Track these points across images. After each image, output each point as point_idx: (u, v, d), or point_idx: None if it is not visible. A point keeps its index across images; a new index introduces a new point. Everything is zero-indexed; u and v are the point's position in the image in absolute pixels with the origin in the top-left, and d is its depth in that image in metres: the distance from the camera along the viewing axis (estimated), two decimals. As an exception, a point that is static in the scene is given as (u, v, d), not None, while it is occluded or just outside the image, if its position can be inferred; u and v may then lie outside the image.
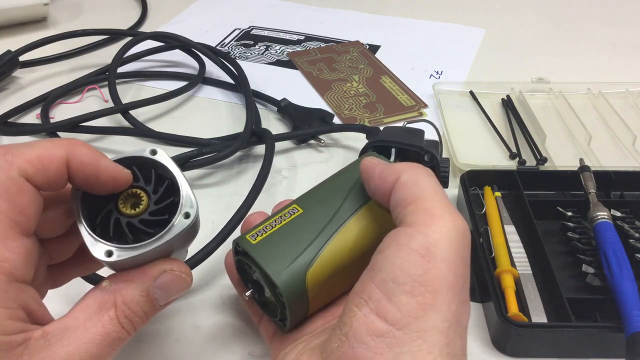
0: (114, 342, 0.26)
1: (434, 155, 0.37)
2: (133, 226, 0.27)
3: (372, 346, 0.25)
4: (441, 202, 0.28)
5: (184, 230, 0.27)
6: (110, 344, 0.26)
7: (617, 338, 0.35)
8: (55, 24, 0.77)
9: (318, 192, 0.35)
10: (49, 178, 0.26)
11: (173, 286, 0.28)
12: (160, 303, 0.27)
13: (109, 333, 0.26)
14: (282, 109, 0.58)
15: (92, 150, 0.27)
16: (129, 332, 0.26)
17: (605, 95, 0.60)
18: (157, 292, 0.27)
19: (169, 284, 0.27)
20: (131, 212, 0.28)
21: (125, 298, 0.27)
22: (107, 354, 0.26)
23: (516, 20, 0.79)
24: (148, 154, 0.29)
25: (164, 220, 0.27)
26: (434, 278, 0.26)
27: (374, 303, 0.26)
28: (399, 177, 0.29)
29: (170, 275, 0.28)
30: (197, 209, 0.28)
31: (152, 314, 0.27)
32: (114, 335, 0.26)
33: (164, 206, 0.28)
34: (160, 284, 0.27)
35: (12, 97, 0.61)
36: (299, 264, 0.31)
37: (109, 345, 0.26)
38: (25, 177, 0.25)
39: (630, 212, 0.44)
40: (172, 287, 0.28)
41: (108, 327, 0.26)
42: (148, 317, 0.27)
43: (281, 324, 0.33)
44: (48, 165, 0.26)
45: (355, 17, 0.80)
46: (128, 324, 0.26)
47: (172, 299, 0.28)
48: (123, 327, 0.26)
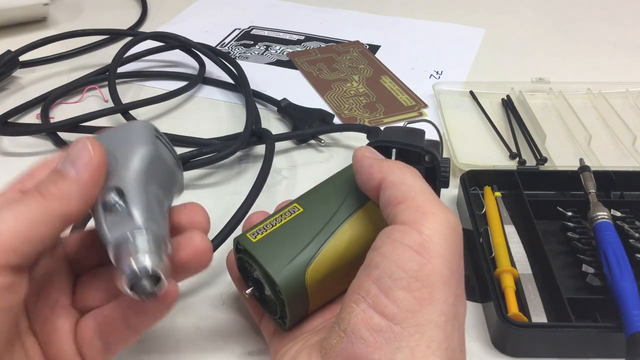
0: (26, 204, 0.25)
1: (434, 156, 0.37)
2: None
3: (371, 341, 0.25)
4: (431, 200, 0.28)
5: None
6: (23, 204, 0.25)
7: (617, 338, 0.35)
8: (55, 24, 0.77)
9: (318, 192, 0.35)
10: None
11: (72, 151, 0.27)
12: (66, 168, 0.26)
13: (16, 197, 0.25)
14: (282, 109, 0.58)
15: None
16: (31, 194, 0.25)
17: (605, 95, 0.60)
18: (61, 163, 0.27)
19: (68, 152, 0.27)
20: None
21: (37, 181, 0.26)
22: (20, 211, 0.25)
23: (516, 20, 0.79)
24: None
25: None
26: (430, 273, 0.26)
27: (371, 299, 0.26)
28: (385, 177, 0.30)
29: (71, 145, 0.27)
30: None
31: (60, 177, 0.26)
32: (23, 197, 0.25)
33: None
34: (62, 157, 0.27)
35: (12, 97, 0.61)
36: (298, 262, 0.31)
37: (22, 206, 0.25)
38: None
39: (630, 212, 0.44)
40: (71, 152, 0.27)
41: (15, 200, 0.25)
42: (57, 183, 0.26)
43: (281, 322, 0.33)
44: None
45: (355, 17, 0.80)
46: (33, 189, 0.26)
47: (76, 161, 0.27)
48: (28, 192, 0.26)
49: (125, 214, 0.27)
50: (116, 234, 0.26)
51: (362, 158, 0.32)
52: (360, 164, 0.32)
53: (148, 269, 0.26)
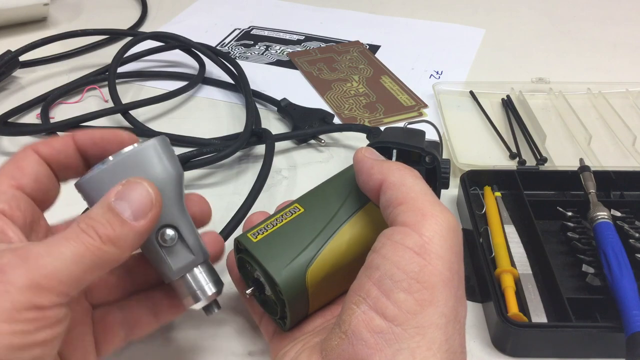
0: (80, 245, 0.25)
1: (435, 157, 0.37)
2: None
3: (372, 343, 0.25)
4: (431, 201, 0.28)
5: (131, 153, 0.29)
6: (76, 245, 0.25)
7: (617, 338, 0.35)
8: (55, 24, 0.77)
9: (319, 192, 0.35)
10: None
11: (132, 194, 0.27)
12: (125, 214, 0.27)
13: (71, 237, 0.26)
14: (282, 109, 0.58)
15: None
16: (92, 235, 0.26)
17: (605, 95, 0.60)
18: (118, 202, 0.27)
19: (127, 192, 0.27)
20: None
21: (87, 213, 0.27)
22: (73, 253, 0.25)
23: (516, 20, 0.79)
24: None
25: None
26: (431, 274, 0.26)
27: (372, 300, 0.26)
28: (385, 177, 0.30)
29: (127, 183, 0.27)
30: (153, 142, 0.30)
31: (121, 225, 0.27)
32: (78, 236, 0.26)
33: None
34: (118, 194, 0.27)
35: (12, 97, 0.61)
36: (299, 262, 0.31)
37: (75, 246, 0.25)
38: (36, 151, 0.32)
39: (630, 212, 0.44)
40: (130, 194, 0.27)
41: (70, 233, 0.26)
42: (114, 227, 0.26)
43: (281, 323, 0.33)
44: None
45: (355, 17, 0.80)
46: (89, 228, 0.26)
47: (136, 208, 0.27)
48: (85, 232, 0.26)
49: (184, 249, 0.31)
50: (179, 271, 0.30)
51: (362, 159, 0.32)
52: (360, 165, 0.32)
53: (215, 296, 0.31)
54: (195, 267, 0.31)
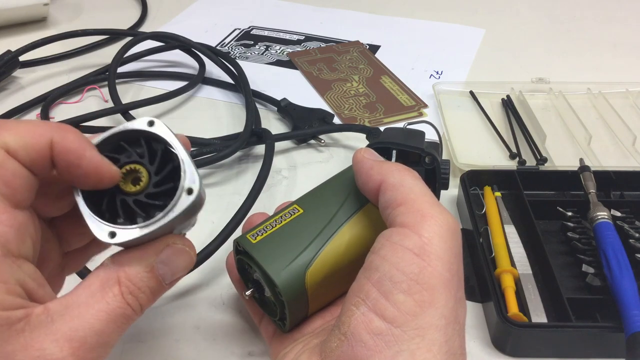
0: (119, 320, 0.25)
1: (434, 158, 0.37)
2: (141, 203, 0.26)
3: (371, 344, 0.25)
4: (430, 202, 0.28)
5: (188, 207, 0.25)
6: (115, 321, 0.25)
7: (617, 338, 0.35)
8: (55, 24, 0.77)
9: (318, 193, 0.35)
10: (32, 157, 0.24)
11: (177, 261, 0.27)
12: (166, 281, 0.26)
13: (113, 310, 0.25)
14: (282, 109, 0.58)
15: (80, 138, 0.25)
16: (135, 309, 0.25)
17: (605, 95, 0.60)
18: (161, 267, 0.26)
19: (173, 259, 0.27)
20: (134, 189, 0.26)
21: (129, 274, 0.25)
22: (113, 331, 0.25)
23: (516, 20, 0.79)
24: (145, 126, 0.28)
25: (170, 189, 0.26)
26: (430, 276, 0.26)
27: (371, 302, 0.26)
28: (384, 178, 0.30)
29: (174, 249, 0.27)
30: (200, 181, 0.26)
31: (158, 292, 0.26)
32: (118, 312, 0.25)
33: (166, 176, 0.27)
34: (164, 259, 0.26)
35: (12, 97, 0.61)
36: (298, 263, 0.31)
37: (113, 323, 0.25)
38: (7, 150, 0.24)
39: (630, 212, 0.44)
40: (176, 261, 0.27)
41: (112, 304, 0.25)
42: (154, 295, 0.26)
43: (281, 324, 0.33)
44: (31, 143, 0.24)
45: (355, 17, 0.80)
46: (133, 300, 0.25)
47: (177, 276, 0.27)
48: (128, 303, 0.25)
49: None
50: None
51: (361, 160, 0.32)
52: (359, 166, 0.32)
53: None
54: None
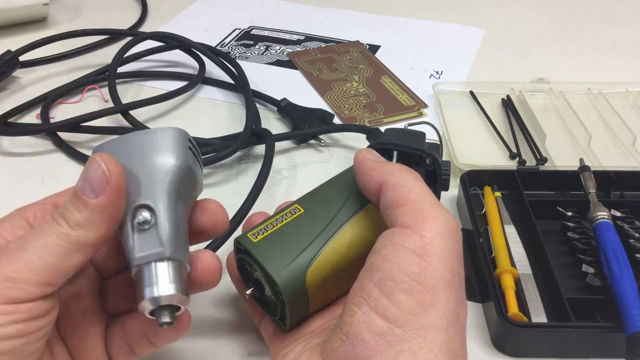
0: (49, 234, 0.26)
1: (435, 159, 0.37)
2: None
3: (373, 344, 0.25)
4: (431, 203, 0.28)
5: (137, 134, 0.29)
6: (46, 235, 0.26)
7: (617, 338, 0.35)
8: (55, 24, 0.77)
9: (320, 193, 0.35)
10: None
11: (89, 172, 0.27)
12: (86, 194, 0.26)
13: (42, 227, 0.26)
14: (282, 109, 0.58)
15: None
16: (58, 222, 0.26)
17: (605, 95, 0.60)
18: (82, 185, 0.26)
19: (86, 172, 0.27)
20: None
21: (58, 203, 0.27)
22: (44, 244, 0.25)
23: (516, 20, 0.79)
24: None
25: None
26: (432, 276, 0.26)
27: (373, 301, 0.26)
28: (385, 179, 0.30)
29: (87, 164, 0.27)
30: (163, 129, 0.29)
31: (82, 205, 0.26)
32: (47, 226, 0.26)
33: None
34: (82, 176, 0.27)
35: (12, 97, 0.61)
36: (299, 262, 0.31)
37: (45, 236, 0.25)
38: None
39: (630, 212, 0.44)
40: (88, 173, 0.27)
41: (42, 225, 0.26)
42: (79, 211, 0.26)
43: (281, 323, 0.33)
44: None
45: (355, 17, 0.80)
46: (57, 216, 0.26)
47: (95, 187, 0.26)
48: (54, 219, 0.26)
49: (154, 236, 0.27)
50: (141, 258, 0.27)
51: (362, 160, 0.32)
52: (361, 166, 0.32)
53: (168, 302, 0.27)
54: (161, 262, 0.27)
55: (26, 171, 0.52)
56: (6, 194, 0.49)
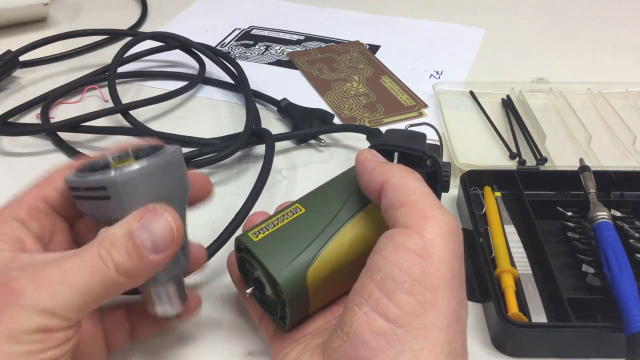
0: (91, 272, 0.26)
1: (436, 160, 0.37)
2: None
3: (374, 345, 0.25)
4: (432, 204, 0.28)
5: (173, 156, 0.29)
6: (88, 271, 0.26)
7: (617, 338, 0.35)
8: (55, 24, 0.77)
9: (321, 192, 0.35)
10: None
11: (154, 225, 0.27)
12: (145, 246, 0.27)
13: (86, 260, 0.26)
14: (282, 109, 0.58)
15: None
16: (107, 264, 0.26)
17: (605, 95, 0.60)
18: (140, 232, 0.27)
19: (151, 223, 0.27)
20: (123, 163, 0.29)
21: (109, 235, 0.27)
22: (83, 281, 0.26)
23: (516, 20, 0.79)
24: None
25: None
26: (433, 277, 0.26)
27: (374, 302, 0.26)
28: (386, 179, 0.30)
29: (152, 213, 0.27)
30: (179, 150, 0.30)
31: (139, 258, 0.27)
32: (90, 262, 0.26)
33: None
34: (144, 223, 0.27)
35: (12, 97, 0.61)
36: (299, 262, 0.31)
37: (86, 273, 0.26)
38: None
39: (630, 212, 0.44)
40: (154, 227, 0.27)
41: (87, 255, 0.26)
42: (132, 258, 0.26)
43: (281, 323, 0.33)
44: None
45: (355, 17, 0.80)
46: (106, 255, 0.26)
47: (159, 244, 0.27)
48: (101, 258, 0.26)
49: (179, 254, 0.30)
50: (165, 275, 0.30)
51: (364, 160, 0.32)
52: (362, 167, 0.32)
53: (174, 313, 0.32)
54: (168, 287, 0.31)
55: (26, 171, 0.51)
56: (6, 194, 0.49)
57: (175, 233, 0.27)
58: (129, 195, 0.28)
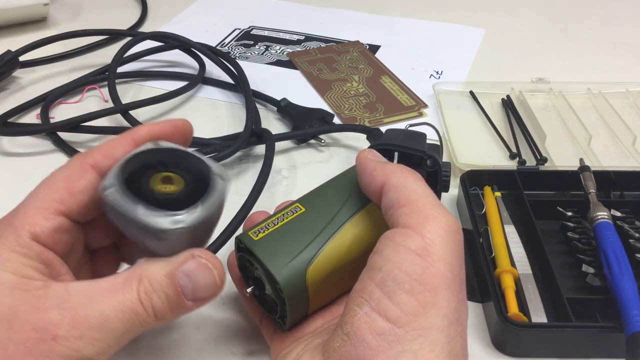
0: (128, 313, 0.25)
1: (436, 160, 0.37)
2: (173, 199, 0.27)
3: (374, 345, 0.25)
4: (432, 204, 0.28)
5: (225, 192, 0.28)
6: (124, 312, 0.25)
7: (617, 338, 0.35)
8: (55, 24, 0.77)
9: (321, 192, 0.35)
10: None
11: (199, 275, 0.27)
12: (186, 293, 0.27)
13: (124, 301, 0.25)
14: (282, 109, 0.58)
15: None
16: (146, 308, 0.26)
17: (605, 95, 0.60)
18: (182, 278, 0.26)
19: (195, 272, 0.27)
20: (168, 189, 0.27)
21: (149, 274, 0.26)
22: (120, 322, 0.25)
23: (516, 20, 0.79)
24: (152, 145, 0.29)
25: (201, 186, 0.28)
26: (433, 277, 0.26)
27: (374, 302, 0.26)
28: (387, 179, 0.30)
29: (197, 262, 0.27)
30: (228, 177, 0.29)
31: (177, 304, 0.27)
32: (129, 304, 0.25)
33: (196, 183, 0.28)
34: (187, 270, 0.27)
35: (12, 97, 0.61)
36: (299, 261, 0.31)
37: (122, 313, 0.25)
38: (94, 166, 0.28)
39: (630, 212, 0.44)
40: (198, 276, 0.27)
41: (126, 296, 0.25)
42: (170, 303, 0.26)
43: (281, 322, 0.33)
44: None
45: (355, 17, 0.80)
46: (146, 299, 0.26)
47: (199, 294, 0.27)
48: (141, 300, 0.26)
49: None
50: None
51: (365, 160, 0.32)
52: (363, 167, 0.32)
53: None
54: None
55: (26, 171, 0.52)
56: (6, 194, 0.49)
57: (218, 282, 0.28)
58: (181, 241, 0.27)
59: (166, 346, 0.37)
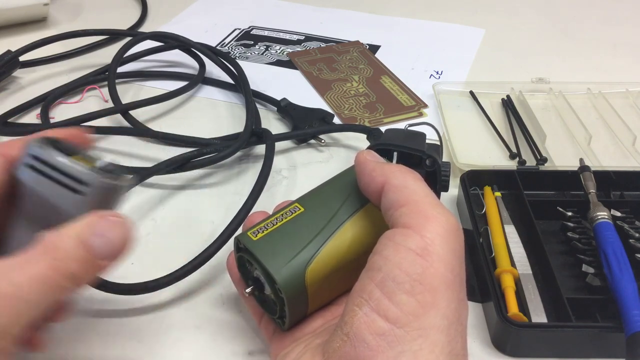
0: (45, 283, 0.24)
1: (435, 160, 0.37)
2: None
3: (374, 345, 0.25)
4: (432, 204, 0.28)
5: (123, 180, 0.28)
6: (42, 283, 0.24)
7: (617, 338, 0.35)
8: (55, 24, 0.77)
9: (320, 192, 0.35)
10: None
11: (111, 234, 0.26)
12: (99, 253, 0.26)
13: (40, 270, 0.24)
14: (282, 109, 0.58)
15: None
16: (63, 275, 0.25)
17: (605, 95, 0.60)
18: (95, 240, 0.25)
19: (106, 230, 0.26)
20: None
21: (59, 240, 0.25)
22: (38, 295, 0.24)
23: (516, 20, 0.79)
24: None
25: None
26: (433, 277, 0.26)
27: (374, 302, 0.26)
28: (386, 179, 0.30)
29: (106, 220, 0.26)
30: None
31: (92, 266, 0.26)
32: (45, 273, 0.24)
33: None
34: (97, 230, 0.26)
35: (12, 97, 0.61)
36: (298, 260, 0.31)
37: (40, 286, 0.24)
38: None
39: (630, 212, 0.44)
40: (109, 234, 0.26)
41: (40, 265, 0.25)
42: (86, 266, 0.25)
43: (280, 322, 0.33)
44: None
45: (355, 17, 0.80)
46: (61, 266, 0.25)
47: (113, 252, 0.26)
48: (56, 268, 0.25)
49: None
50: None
51: (364, 161, 0.32)
52: (362, 167, 0.32)
53: None
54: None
55: (26, 171, 0.52)
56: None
57: (129, 240, 0.26)
58: (98, 202, 0.27)
59: (166, 346, 0.37)
